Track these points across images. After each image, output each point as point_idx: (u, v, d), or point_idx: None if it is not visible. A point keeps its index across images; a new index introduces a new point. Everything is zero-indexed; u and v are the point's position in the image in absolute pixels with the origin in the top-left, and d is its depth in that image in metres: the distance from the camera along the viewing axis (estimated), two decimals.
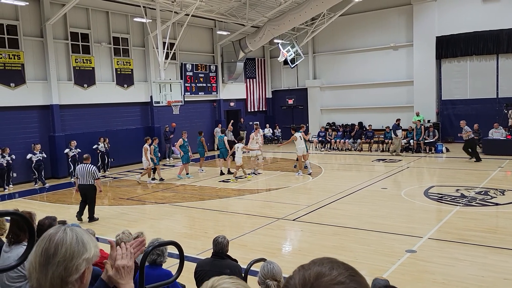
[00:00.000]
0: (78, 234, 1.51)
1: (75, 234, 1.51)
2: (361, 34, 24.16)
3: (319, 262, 1.07)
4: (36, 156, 15.39)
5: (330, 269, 1.04)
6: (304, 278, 1.04)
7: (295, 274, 1.07)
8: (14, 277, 3.62)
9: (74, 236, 1.50)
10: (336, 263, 1.06)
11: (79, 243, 1.49)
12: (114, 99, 18.98)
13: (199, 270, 4.82)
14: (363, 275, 1.07)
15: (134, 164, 19.53)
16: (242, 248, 7.87)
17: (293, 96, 27.38)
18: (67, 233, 1.50)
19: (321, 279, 1.02)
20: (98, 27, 18.53)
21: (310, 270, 1.05)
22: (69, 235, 1.50)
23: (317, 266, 1.06)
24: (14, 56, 15.80)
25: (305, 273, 1.04)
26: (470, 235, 8.19)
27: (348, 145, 21.71)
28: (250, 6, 20.92)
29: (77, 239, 1.50)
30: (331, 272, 1.03)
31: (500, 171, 14.53)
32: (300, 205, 11.10)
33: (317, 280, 1.02)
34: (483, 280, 6.21)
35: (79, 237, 1.51)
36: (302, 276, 1.04)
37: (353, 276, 1.04)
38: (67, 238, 1.48)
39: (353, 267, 1.07)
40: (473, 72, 21.48)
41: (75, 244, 1.48)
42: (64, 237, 1.48)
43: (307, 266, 1.07)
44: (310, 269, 1.05)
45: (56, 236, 1.49)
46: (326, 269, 1.04)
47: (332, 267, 1.04)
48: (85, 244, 1.50)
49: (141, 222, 10.38)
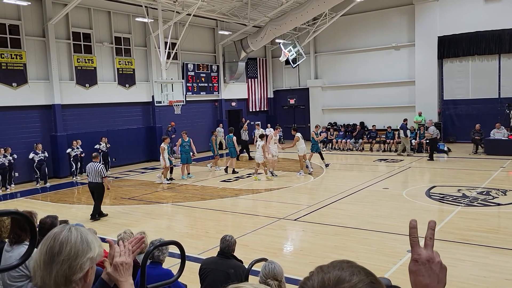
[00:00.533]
0: (83, 234, 1.53)
1: (80, 233, 1.52)
2: (363, 34, 24.14)
3: (339, 266, 1.04)
4: (38, 155, 15.43)
5: (350, 275, 1.01)
6: (323, 281, 1.02)
7: (313, 276, 1.05)
8: (15, 277, 3.63)
9: (79, 235, 1.51)
10: (357, 268, 1.04)
11: (83, 242, 1.50)
12: (115, 99, 19.00)
13: (204, 268, 4.83)
14: (382, 282, 1.05)
15: (136, 164, 19.57)
16: (243, 248, 7.87)
17: (294, 96, 27.38)
18: (72, 232, 1.51)
19: (341, 285, 0.99)
20: (100, 27, 18.55)
21: (330, 274, 1.02)
22: (74, 234, 1.51)
23: (337, 270, 1.03)
24: (16, 56, 15.83)
25: (324, 276, 1.02)
26: (471, 235, 8.18)
27: (350, 145, 21.70)
28: (251, 6, 20.92)
29: (82, 238, 1.51)
30: (351, 278, 1.01)
31: (502, 171, 14.50)
32: (302, 205, 11.10)
33: (337, 286, 1.00)
34: (484, 281, 6.20)
35: (83, 236, 1.52)
36: (321, 279, 1.02)
37: (373, 283, 1.01)
38: (72, 237, 1.50)
39: (373, 273, 1.05)
40: (475, 72, 21.44)
41: (79, 243, 1.49)
42: (69, 236, 1.50)
43: (326, 269, 1.05)
44: (330, 272, 1.03)
45: (61, 235, 1.50)
46: (346, 274, 1.01)
47: (353, 272, 1.02)
48: (90, 243, 1.51)
49: (142, 222, 10.39)
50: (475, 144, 18.81)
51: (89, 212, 10.74)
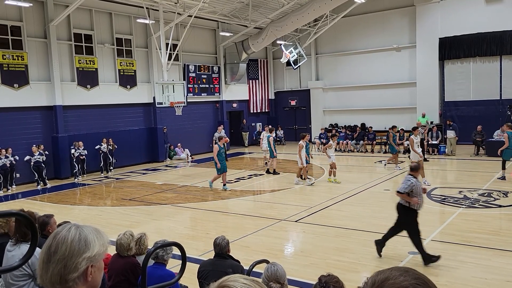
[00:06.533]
0: (83, 233, 1.52)
1: (79, 233, 1.51)
2: (364, 35, 24.14)
3: (395, 269, 1.14)
4: (34, 157, 15.37)
5: (399, 276, 1.11)
6: (374, 281, 1.13)
7: (370, 278, 1.16)
8: (18, 276, 3.64)
9: (77, 235, 1.50)
10: (408, 272, 1.12)
11: (81, 242, 1.49)
12: (117, 100, 19.02)
13: (202, 270, 4.83)
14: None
15: (137, 165, 19.58)
16: (244, 249, 7.86)
17: (295, 97, 27.38)
18: (70, 232, 1.51)
19: (387, 282, 1.10)
20: (101, 28, 18.58)
21: (382, 274, 1.13)
22: (72, 234, 1.50)
23: (389, 271, 1.13)
24: (17, 57, 15.86)
25: (377, 277, 1.14)
26: (473, 237, 8.16)
27: (351, 146, 21.68)
28: (253, 8, 20.94)
29: (80, 237, 1.50)
30: (398, 277, 1.10)
31: (505, 174, 14.44)
32: (303, 207, 11.08)
33: (383, 282, 1.11)
34: (486, 283, 6.18)
35: (82, 235, 1.51)
36: (373, 280, 1.14)
37: (418, 285, 1.08)
38: (69, 236, 1.49)
39: (426, 280, 1.11)
40: (476, 73, 21.42)
41: (76, 243, 1.48)
42: (66, 236, 1.49)
43: (382, 271, 1.16)
44: (383, 273, 1.14)
45: (59, 235, 1.51)
46: (396, 274, 1.11)
47: (402, 274, 1.11)
48: (88, 243, 1.50)
49: (143, 223, 10.38)
50: (477, 146, 18.79)
51: (90, 213, 10.73)
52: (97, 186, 15.67)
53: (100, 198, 13.64)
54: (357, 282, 1.22)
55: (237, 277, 1.21)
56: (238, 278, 1.21)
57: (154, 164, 19.89)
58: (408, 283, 1.08)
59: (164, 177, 16.65)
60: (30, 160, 15.32)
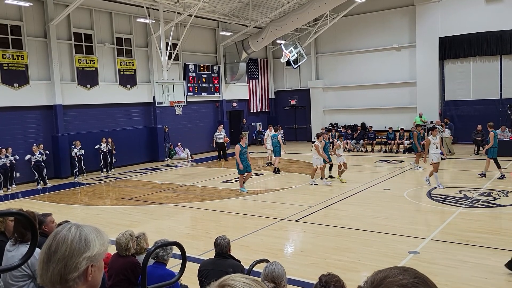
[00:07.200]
0: (83, 233, 1.52)
1: (79, 232, 1.51)
2: (364, 35, 24.13)
3: (395, 268, 1.15)
4: (34, 157, 15.38)
5: (398, 274, 1.12)
6: (373, 279, 1.14)
7: (370, 277, 1.16)
8: (17, 276, 3.63)
9: (78, 234, 1.50)
10: (408, 271, 1.13)
11: (81, 241, 1.49)
12: (117, 99, 19.01)
13: (203, 269, 4.83)
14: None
15: (137, 165, 19.58)
16: (244, 248, 7.87)
17: (295, 97, 27.37)
18: (70, 231, 1.51)
19: (386, 280, 1.11)
20: (101, 27, 18.57)
21: (381, 273, 1.14)
22: (72, 233, 1.50)
23: (389, 270, 1.14)
24: (17, 57, 15.85)
25: (376, 276, 1.15)
26: (473, 236, 8.16)
27: (351, 146, 21.68)
28: (253, 7, 20.93)
29: (80, 237, 1.50)
30: (397, 276, 1.11)
31: (503, 172, 14.45)
32: (303, 206, 11.08)
33: (382, 281, 1.12)
34: (486, 282, 6.18)
35: (82, 235, 1.51)
36: (373, 278, 1.15)
37: (417, 284, 1.09)
38: (70, 236, 1.49)
39: (425, 279, 1.12)
40: (476, 73, 21.42)
41: (76, 243, 1.48)
42: (66, 235, 1.49)
43: (382, 270, 1.16)
44: (382, 272, 1.15)
45: (59, 234, 1.50)
46: (395, 273, 1.13)
47: (401, 273, 1.12)
48: (88, 242, 1.50)
49: (143, 222, 10.39)
50: (476, 145, 18.79)
51: (90, 212, 10.73)
52: (97, 185, 15.67)
53: (100, 198, 13.65)
54: (357, 282, 1.23)
55: (238, 276, 1.21)
56: (239, 277, 1.20)
57: (154, 164, 19.90)
58: (407, 282, 1.09)
59: (164, 177, 16.66)
60: (30, 160, 15.32)
